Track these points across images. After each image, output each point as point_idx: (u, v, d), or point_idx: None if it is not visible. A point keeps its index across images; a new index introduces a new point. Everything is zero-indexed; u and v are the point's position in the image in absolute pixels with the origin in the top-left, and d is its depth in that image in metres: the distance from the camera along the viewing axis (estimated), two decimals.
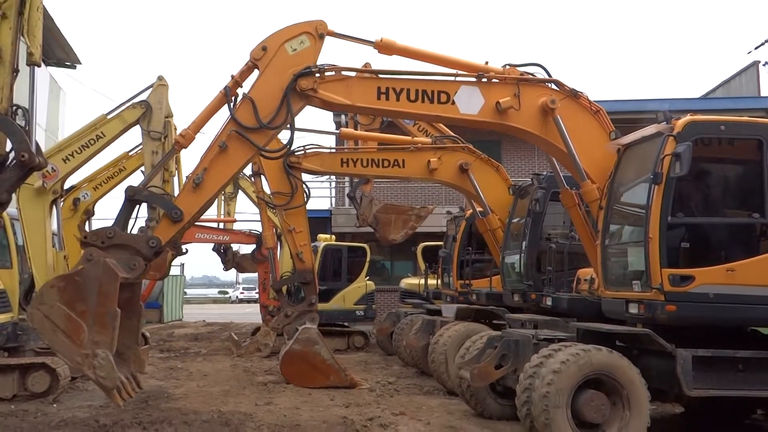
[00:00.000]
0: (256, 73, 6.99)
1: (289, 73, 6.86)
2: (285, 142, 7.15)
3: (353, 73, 7.02)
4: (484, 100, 7.07)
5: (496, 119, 7.12)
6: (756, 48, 24.11)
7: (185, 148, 7.11)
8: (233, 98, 6.95)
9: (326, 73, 6.92)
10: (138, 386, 6.85)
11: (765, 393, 6.12)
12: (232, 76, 6.99)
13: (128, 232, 6.75)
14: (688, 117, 6.28)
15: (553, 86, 7.25)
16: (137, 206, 6.90)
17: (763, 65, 23.34)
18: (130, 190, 6.81)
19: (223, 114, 7.06)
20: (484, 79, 7.10)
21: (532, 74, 7.34)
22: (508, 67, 7.34)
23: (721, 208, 6.77)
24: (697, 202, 6.61)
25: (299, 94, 6.86)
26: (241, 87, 7.04)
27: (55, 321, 6.10)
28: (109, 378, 6.11)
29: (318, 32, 6.96)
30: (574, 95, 7.26)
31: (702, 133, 6.23)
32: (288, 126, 6.91)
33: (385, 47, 7.30)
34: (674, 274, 5.95)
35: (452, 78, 7.12)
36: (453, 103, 7.03)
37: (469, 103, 7.05)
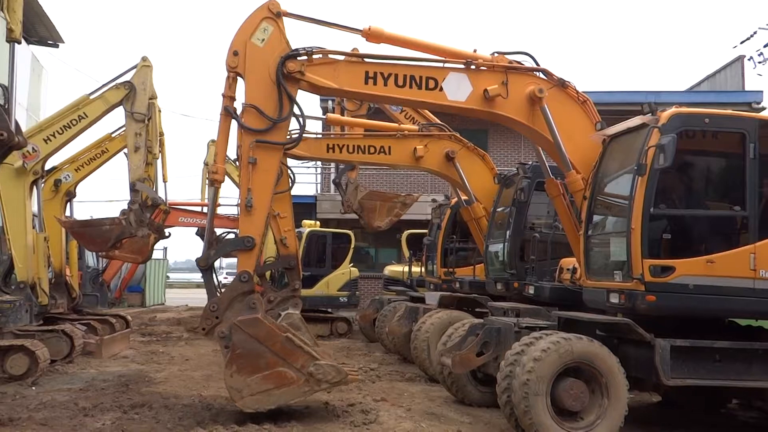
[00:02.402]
0: (242, 80, 6.94)
1: (272, 60, 6.81)
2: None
3: (341, 57, 6.97)
4: (473, 87, 7.05)
5: (484, 107, 7.11)
6: (741, 42, 24.27)
7: (222, 181, 7.19)
8: (235, 112, 6.92)
9: (314, 56, 6.86)
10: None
11: (740, 383, 6.20)
12: (223, 95, 6.96)
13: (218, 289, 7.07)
14: (673, 109, 6.31)
15: (541, 75, 7.25)
16: (214, 271, 7.20)
17: (748, 60, 23.49)
18: (201, 262, 7.10)
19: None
20: (473, 67, 7.08)
21: (520, 63, 7.33)
22: (496, 55, 7.32)
23: (703, 200, 6.84)
24: (680, 194, 6.67)
25: (288, 78, 6.81)
26: (236, 99, 7.01)
27: (263, 388, 6.53)
28: (337, 374, 6.64)
29: (274, 12, 6.88)
30: (562, 85, 7.26)
31: (686, 125, 6.27)
32: (298, 112, 6.95)
33: (373, 35, 7.25)
34: (655, 265, 6.00)
35: (441, 64, 7.09)
36: (441, 89, 7.01)
37: (458, 90, 7.03)
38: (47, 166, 11.59)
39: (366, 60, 7.00)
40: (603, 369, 6.07)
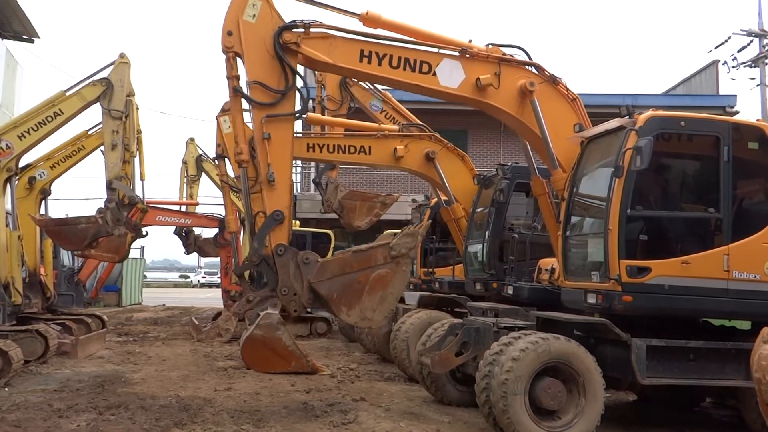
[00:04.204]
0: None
1: (267, 34, 6.84)
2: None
3: (339, 33, 6.99)
4: (465, 75, 7.14)
5: (475, 95, 7.19)
6: (716, 47, 24.71)
7: (248, 162, 7.23)
8: (243, 91, 6.96)
9: (311, 30, 6.89)
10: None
11: (714, 382, 6.32)
12: (228, 78, 7.00)
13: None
14: (650, 112, 6.40)
15: (533, 70, 7.33)
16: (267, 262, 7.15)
17: (723, 64, 23.93)
18: (254, 258, 7.22)
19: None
20: (468, 55, 7.16)
21: (513, 56, 7.42)
22: (491, 46, 7.40)
23: (678, 202, 6.94)
24: (656, 195, 6.76)
25: (285, 49, 6.86)
26: (239, 78, 7.03)
27: (377, 299, 6.90)
28: (412, 238, 7.06)
29: None
30: (553, 81, 7.35)
31: (663, 128, 6.35)
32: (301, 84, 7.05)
33: (370, 20, 7.29)
34: (632, 266, 6.08)
35: (436, 50, 7.17)
36: (434, 74, 7.08)
37: (450, 77, 7.12)
38: (22, 163, 11.40)
39: (362, 38, 7.03)
40: (580, 368, 6.13)
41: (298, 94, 7.14)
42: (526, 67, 7.32)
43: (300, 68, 7.13)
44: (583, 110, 7.42)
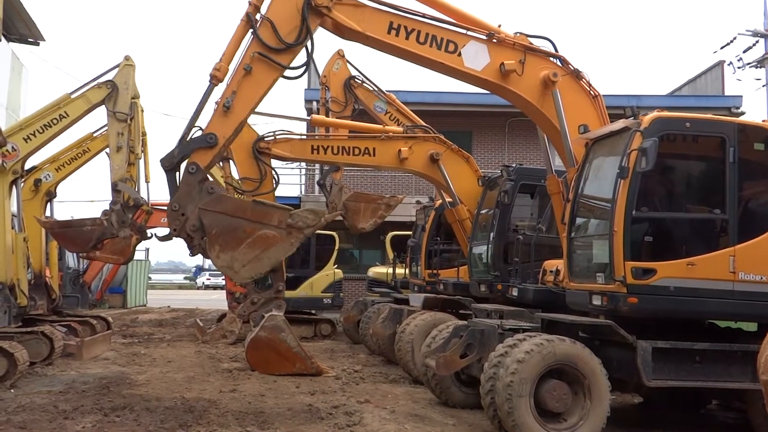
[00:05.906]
0: None
1: None
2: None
3: (371, 3, 7.08)
4: (490, 59, 7.24)
5: (498, 80, 7.27)
6: (722, 48, 24.64)
7: (222, 81, 7.20)
8: (255, 22, 7.08)
9: None
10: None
11: (720, 384, 6.28)
12: (250, 2, 7.10)
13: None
14: (655, 113, 6.38)
15: (558, 62, 7.37)
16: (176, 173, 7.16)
17: (728, 65, 23.84)
18: (165, 162, 7.09)
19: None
20: (495, 40, 7.23)
21: (539, 47, 7.47)
22: (518, 34, 7.47)
23: (683, 203, 6.92)
24: (661, 197, 6.74)
25: (314, 10, 6.94)
26: (260, 10, 7.14)
27: (252, 255, 6.84)
28: (315, 216, 7.03)
29: None
30: (577, 75, 7.40)
31: (668, 129, 6.34)
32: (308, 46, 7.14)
33: None
34: (637, 267, 6.06)
35: (464, 31, 7.25)
36: (459, 54, 7.19)
37: (475, 59, 7.23)
38: (27, 166, 11.45)
39: (393, 10, 7.11)
40: (585, 370, 6.11)
41: (304, 68, 7.20)
42: (551, 58, 7.37)
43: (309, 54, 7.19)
44: (603, 108, 7.45)
